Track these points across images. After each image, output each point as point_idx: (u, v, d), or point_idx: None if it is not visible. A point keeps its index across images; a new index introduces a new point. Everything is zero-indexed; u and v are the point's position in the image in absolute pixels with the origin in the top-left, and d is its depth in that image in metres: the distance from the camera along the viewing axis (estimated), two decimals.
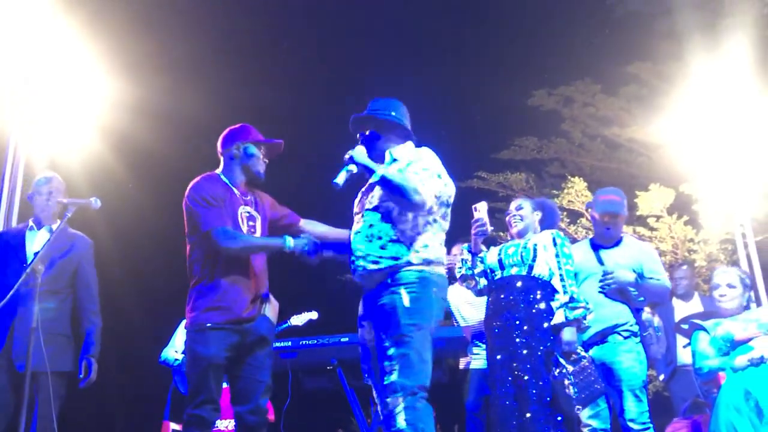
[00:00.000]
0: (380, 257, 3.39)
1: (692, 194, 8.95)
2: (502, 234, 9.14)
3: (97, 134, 6.06)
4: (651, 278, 4.61)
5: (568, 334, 4.08)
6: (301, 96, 11.61)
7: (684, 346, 5.16)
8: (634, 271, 4.58)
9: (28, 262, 3.94)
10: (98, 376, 4.26)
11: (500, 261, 4.39)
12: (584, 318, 4.14)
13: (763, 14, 7.34)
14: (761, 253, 7.21)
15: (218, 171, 3.79)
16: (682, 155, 9.79)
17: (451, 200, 3.59)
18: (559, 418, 3.96)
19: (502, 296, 4.29)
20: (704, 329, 4.53)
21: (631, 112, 11.81)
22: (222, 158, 3.82)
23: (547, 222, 4.62)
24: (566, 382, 3.98)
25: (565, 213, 9.59)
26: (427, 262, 3.39)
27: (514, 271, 4.32)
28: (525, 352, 4.08)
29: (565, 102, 12.28)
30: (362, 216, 3.55)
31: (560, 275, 4.21)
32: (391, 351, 3.28)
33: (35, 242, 4.24)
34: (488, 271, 4.46)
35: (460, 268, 4.58)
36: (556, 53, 11.18)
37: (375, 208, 3.50)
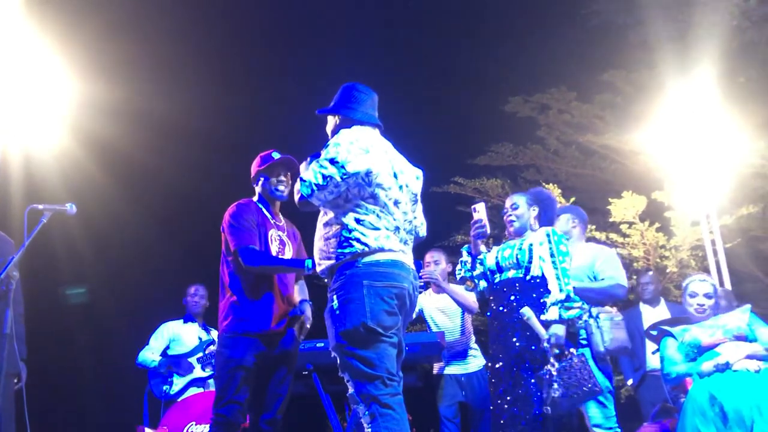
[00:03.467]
0: (320, 259, 3.43)
1: (664, 201, 9.09)
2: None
3: (70, 134, 6.07)
4: (598, 279, 4.68)
5: (557, 329, 3.98)
6: (276, 98, 11.59)
7: (653, 352, 5.26)
8: (588, 278, 4.66)
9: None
10: (75, 378, 4.27)
11: (497, 263, 4.35)
12: (579, 318, 4.09)
13: (731, 26, 7.50)
14: (730, 260, 7.37)
15: (254, 198, 4.20)
16: (654, 163, 9.99)
17: (372, 177, 3.31)
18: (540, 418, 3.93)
19: (501, 299, 4.26)
20: (672, 335, 4.63)
21: (605, 120, 11.93)
22: (255, 188, 4.23)
23: (546, 215, 4.50)
24: (549, 378, 3.91)
25: None
26: (353, 254, 3.26)
27: (511, 273, 4.26)
28: (525, 355, 4.06)
29: (541, 109, 12.37)
30: None
31: (556, 274, 4.12)
32: (338, 362, 3.28)
33: None
34: (488, 273, 4.42)
35: (460, 270, 4.55)
36: (532, 61, 11.28)
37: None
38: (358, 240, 3.28)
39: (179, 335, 6.26)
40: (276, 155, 4.11)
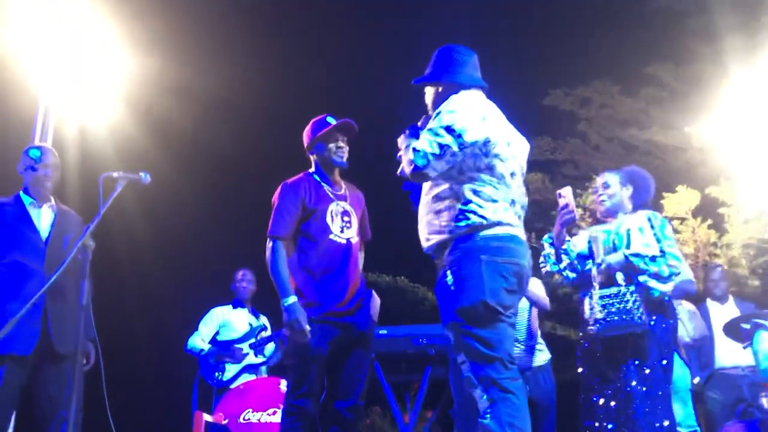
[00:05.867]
0: (429, 233, 3.17)
1: (719, 197, 8.81)
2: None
3: (124, 107, 5.87)
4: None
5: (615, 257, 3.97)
6: (328, 70, 11.24)
7: (744, 347, 5.00)
8: None
9: (45, 238, 3.92)
10: (129, 361, 4.04)
11: (590, 250, 4.11)
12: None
13: None
14: None
15: (311, 170, 3.90)
16: (703, 158, 9.72)
17: (490, 147, 3.05)
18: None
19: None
20: (767, 329, 4.37)
21: (649, 114, 11.68)
22: (310, 158, 3.93)
23: (641, 196, 4.25)
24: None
25: (587, 213, 9.42)
26: (470, 227, 3.01)
27: (610, 259, 4.01)
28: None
29: (582, 102, 12.12)
30: None
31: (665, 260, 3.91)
32: (453, 341, 3.04)
33: (41, 219, 4.01)
34: (575, 262, 4.16)
35: (543, 264, 4.24)
36: (576, 52, 11.00)
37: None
38: (474, 212, 3.02)
39: (229, 321, 6.04)
40: (331, 120, 3.81)
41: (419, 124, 3.40)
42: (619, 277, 3.96)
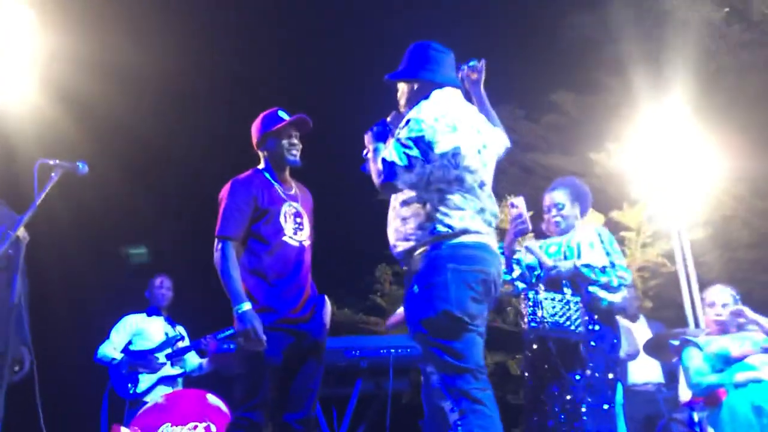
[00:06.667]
0: (396, 240, 3.10)
1: (621, 221, 9.18)
2: None
3: (40, 86, 5.44)
4: None
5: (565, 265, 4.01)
6: (261, 52, 10.82)
7: (673, 361, 5.17)
8: None
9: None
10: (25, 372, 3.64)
11: (540, 260, 4.13)
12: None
13: (710, 50, 7.68)
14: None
15: (260, 167, 3.67)
16: (603, 183, 10.12)
17: (460, 159, 2.97)
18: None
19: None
20: (696, 345, 4.53)
21: (548, 141, 12.09)
22: (259, 154, 3.69)
23: (583, 207, 4.34)
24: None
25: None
26: (436, 236, 2.93)
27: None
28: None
29: None
30: None
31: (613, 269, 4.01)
32: (421, 353, 3.00)
33: None
34: (526, 273, 4.18)
35: None
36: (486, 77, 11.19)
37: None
38: (441, 221, 2.96)
39: (144, 329, 5.68)
40: (284, 114, 3.60)
41: (388, 119, 3.31)
42: (566, 290, 4.01)
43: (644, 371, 6.13)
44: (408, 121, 3.02)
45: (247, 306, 3.30)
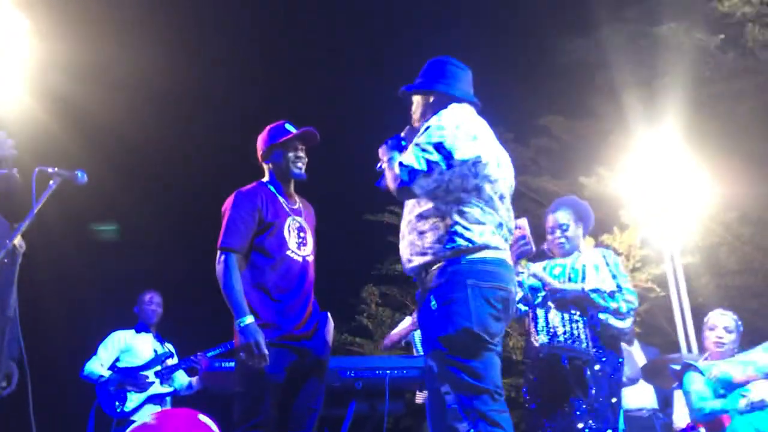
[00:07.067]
0: (411, 254, 3.02)
1: (611, 244, 9.19)
2: None
3: (35, 93, 5.35)
4: None
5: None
6: (252, 61, 10.71)
7: (674, 388, 5.11)
8: None
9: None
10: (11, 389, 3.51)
11: (544, 282, 4.09)
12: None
13: (704, 77, 7.74)
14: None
15: (265, 179, 3.61)
16: (598, 208, 10.15)
17: (480, 168, 2.90)
18: None
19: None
20: (698, 370, 4.48)
21: (538, 164, 12.13)
22: (263, 167, 3.63)
23: (585, 227, 4.31)
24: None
25: None
26: (456, 250, 2.86)
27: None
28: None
29: None
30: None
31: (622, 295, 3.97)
32: (437, 371, 2.89)
33: None
34: (528, 295, 4.12)
35: None
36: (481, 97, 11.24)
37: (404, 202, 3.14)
38: (461, 235, 2.89)
39: (132, 346, 5.53)
40: (290, 127, 3.55)
41: (402, 134, 3.27)
42: (574, 311, 3.96)
43: (638, 396, 6.05)
44: (428, 128, 2.98)
45: (250, 320, 3.21)
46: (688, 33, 7.34)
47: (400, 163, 2.92)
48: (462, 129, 2.95)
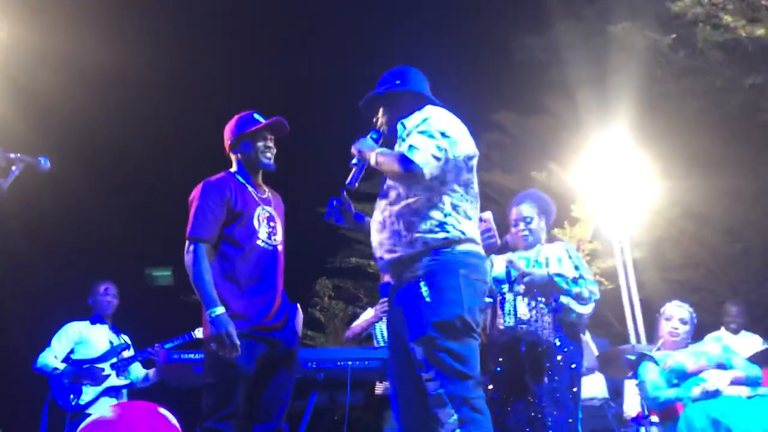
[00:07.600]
0: (394, 245, 3.04)
1: (562, 239, 9.36)
2: None
3: None
4: None
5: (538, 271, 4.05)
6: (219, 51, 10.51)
7: (625, 378, 5.25)
8: None
9: None
10: None
11: (509, 273, 4.15)
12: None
13: (655, 76, 7.95)
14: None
15: (233, 169, 3.57)
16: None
17: (472, 162, 3.06)
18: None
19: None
20: (653, 360, 4.62)
21: (489, 158, 12.27)
22: (231, 157, 3.59)
23: (548, 219, 4.40)
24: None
25: None
26: (448, 240, 2.93)
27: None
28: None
29: None
30: (377, 205, 3.21)
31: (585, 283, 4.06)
32: (423, 356, 2.92)
33: None
34: (493, 287, 4.15)
35: None
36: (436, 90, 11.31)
37: (384, 194, 3.15)
38: (453, 226, 2.96)
39: (87, 338, 5.43)
40: (259, 117, 3.52)
41: (374, 136, 3.26)
42: (540, 299, 4.05)
43: (589, 386, 6.19)
44: (424, 120, 3.01)
45: (220, 310, 3.19)
46: (642, 32, 7.54)
47: (411, 146, 2.92)
48: (458, 124, 3.05)
